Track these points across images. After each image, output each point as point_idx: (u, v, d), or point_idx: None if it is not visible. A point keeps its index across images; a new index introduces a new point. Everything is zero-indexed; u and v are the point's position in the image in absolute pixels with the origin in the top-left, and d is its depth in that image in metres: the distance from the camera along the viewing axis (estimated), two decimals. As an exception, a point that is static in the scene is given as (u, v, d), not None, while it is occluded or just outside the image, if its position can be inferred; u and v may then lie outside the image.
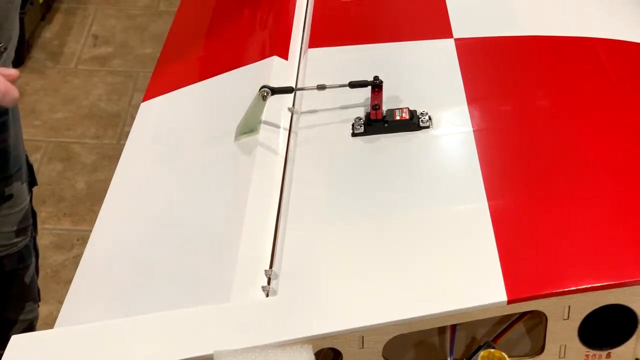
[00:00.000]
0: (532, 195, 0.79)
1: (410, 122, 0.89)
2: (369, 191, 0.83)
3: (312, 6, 1.14)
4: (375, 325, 0.69)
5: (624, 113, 0.89)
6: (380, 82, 0.89)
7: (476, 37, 1.03)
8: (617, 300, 0.71)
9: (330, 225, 0.79)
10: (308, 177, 0.86)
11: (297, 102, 0.97)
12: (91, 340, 0.71)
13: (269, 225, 0.81)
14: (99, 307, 0.79)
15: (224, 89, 1.03)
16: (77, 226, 2.07)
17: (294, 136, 0.92)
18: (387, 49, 1.03)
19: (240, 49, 1.12)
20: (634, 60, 0.99)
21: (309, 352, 0.68)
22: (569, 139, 0.86)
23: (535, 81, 0.95)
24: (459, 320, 0.70)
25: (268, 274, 0.75)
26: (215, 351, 0.67)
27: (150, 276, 0.80)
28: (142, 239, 0.86)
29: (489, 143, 0.86)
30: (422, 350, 0.78)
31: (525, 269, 0.72)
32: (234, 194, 0.85)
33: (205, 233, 0.82)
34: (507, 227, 0.76)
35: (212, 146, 0.94)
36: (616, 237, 0.74)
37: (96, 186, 2.16)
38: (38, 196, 2.16)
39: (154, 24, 2.75)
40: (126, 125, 2.35)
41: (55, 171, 2.22)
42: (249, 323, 0.70)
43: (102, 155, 2.27)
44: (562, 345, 0.73)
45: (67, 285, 0.81)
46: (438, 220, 0.78)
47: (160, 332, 0.71)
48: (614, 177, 0.81)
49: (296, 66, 1.03)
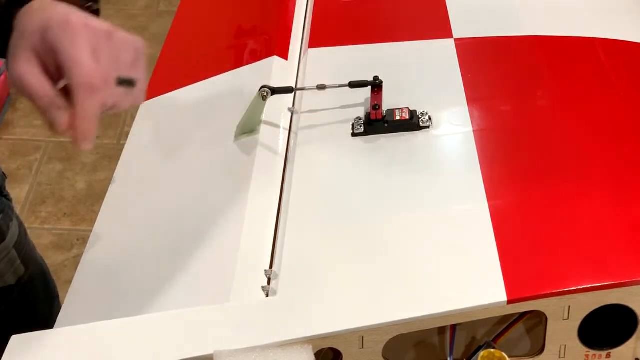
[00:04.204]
0: (532, 195, 0.79)
1: (410, 122, 0.89)
2: (369, 191, 0.83)
3: (312, 6, 1.14)
4: (375, 325, 0.69)
5: (624, 113, 0.89)
6: (380, 82, 0.89)
7: (476, 37, 1.03)
8: (617, 300, 0.71)
9: (330, 225, 0.79)
10: (308, 177, 0.86)
11: (297, 102, 0.97)
12: (91, 340, 0.71)
13: (269, 225, 0.81)
14: (99, 307, 0.79)
15: (224, 89, 1.03)
16: (77, 226, 2.08)
17: (294, 136, 0.92)
18: (387, 49, 1.03)
19: (240, 49, 1.12)
20: (634, 60, 0.99)
21: (309, 352, 0.68)
22: (569, 138, 0.86)
23: (535, 81, 0.95)
24: (459, 320, 0.70)
25: (268, 274, 0.75)
26: (215, 351, 0.67)
27: (150, 276, 0.80)
28: (142, 239, 0.86)
29: (489, 143, 0.86)
30: (422, 350, 0.78)
31: (525, 269, 0.72)
32: (234, 194, 0.85)
33: (205, 233, 0.82)
34: (507, 227, 0.76)
35: (212, 146, 0.94)
36: (616, 237, 0.74)
37: (96, 186, 2.17)
38: (38, 196, 2.17)
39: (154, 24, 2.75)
40: (126, 125, 2.35)
41: (55, 171, 2.23)
42: (249, 323, 0.70)
43: (102, 155, 2.27)
44: (562, 345, 0.73)
45: (67, 285, 0.81)
46: (438, 220, 0.78)
47: (160, 332, 0.71)
48: (614, 176, 0.81)
49: (296, 66, 1.03)
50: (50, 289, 1.21)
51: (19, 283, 1.11)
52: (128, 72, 0.72)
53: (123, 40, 0.72)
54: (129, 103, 0.74)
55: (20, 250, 1.10)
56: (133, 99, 0.74)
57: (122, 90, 0.72)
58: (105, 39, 0.70)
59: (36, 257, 1.16)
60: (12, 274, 1.09)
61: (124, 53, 0.72)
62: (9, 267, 1.08)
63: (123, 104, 0.73)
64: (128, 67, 0.72)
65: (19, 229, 1.10)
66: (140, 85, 0.74)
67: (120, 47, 0.71)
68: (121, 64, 0.72)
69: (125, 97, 0.73)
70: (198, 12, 1.25)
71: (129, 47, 0.73)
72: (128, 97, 0.73)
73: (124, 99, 0.72)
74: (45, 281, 1.19)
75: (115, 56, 0.71)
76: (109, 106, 0.71)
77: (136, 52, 0.73)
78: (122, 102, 0.73)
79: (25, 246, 1.12)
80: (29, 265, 1.12)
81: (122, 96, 0.72)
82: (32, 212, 2.12)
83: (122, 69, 0.72)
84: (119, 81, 0.70)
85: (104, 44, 0.70)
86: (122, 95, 0.72)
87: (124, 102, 0.73)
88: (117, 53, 0.71)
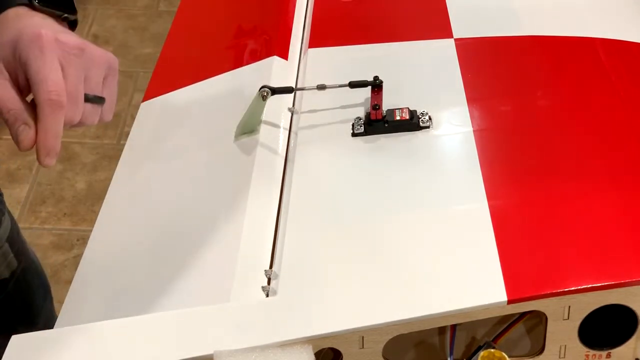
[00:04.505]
0: (532, 195, 0.79)
1: (410, 122, 0.89)
2: (369, 191, 0.83)
3: (312, 6, 1.14)
4: (375, 325, 0.69)
5: (624, 113, 0.89)
6: (380, 82, 0.89)
7: (476, 37, 1.03)
8: (617, 300, 0.71)
9: (330, 225, 0.79)
10: (308, 177, 0.86)
11: (297, 102, 0.97)
12: (91, 340, 0.71)
13: (269, 225, 0.81)
14: (99, 307, 0.79)
15: (224, 89, 1.03)
16: (77, 226, 2.08)
17: (294, 136, 0.92)
18: (387, 49, 1.03)
19: (240, 49, 1.12)
20: (634, 60, 0.99)
21: (309, 352, 0.68)
22: (569, 139, 0.86)
23: (535, 81, 0.95)
24: (459, 320, 0.70)
25: (268, 274, 0.75)
26: (215, 351, 0.67)
27: (150, 276, 0.80)
28: (142, 239, 0.86)
29: (489, 143, 0.86)
30: (422, 350, 0.78)
31: (525, 269, 0.72)
32: (234, 194, 0.85)
33: (205, 233, 0.82)
34: (507, 227, 0.76)
35: (212, 146, 0.94)
36: (616, 237, 0.74)
37: (96, 186, 2.17)
38: (38, 196, 2.17)
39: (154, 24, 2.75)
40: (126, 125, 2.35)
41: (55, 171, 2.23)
42: (249, 323, 0.70)
43: (102, 155, 2.27)
44: (562, 345, 0.73)
45: (67, 285, 0.81)
46: (438, 220, 0.78)
47: (160, 332, 0.71)
48: (614, 177, 0.81)
49: (296, 66, 1.03)
50: (43, 283, 1.22)
51: (12, 276, 1.11)
52: (98, 89, 0.72)
53: (95, 56, 0.71)
54: (96, 120, 0.73)
55: (13, 244, 1.10)
56: (101, 116, 0.73)
57: (90, 107, 0.71)
58: (76, 54, 0.69)
59: (28, 252, 1.16)
60: (6, 268, 1.09)
61: (94, 69, 0.71)
62: (3, 260, 1.09)
63: (89, 121, 0.72)
64: (98, 83, 0.72)
65: (10, 223, 1.10)
66: (109, 102, 0.74)
67: (91, 63, 0.71)
68: (91, 80, 0.71)
69: (93, 114, 0.72)
70: (198, 12, 1.25)
71: (101, 64, 0.72)
72: (95, 114, 0.72)
73: (91, 116, 0.72)
74: (37, 275, 1.20)
75: (85, 72, 0.70)
76: (74, 123, 0.70)
77: (109, 68, 0.73)
78: (89, 119, 0.72)
79: (18, 240, 1.12)
80: (21, 259, 1.12)
81: (89, 113, 0.71)
82: (32, 212, 2.12)
83: (92, 85, 0.71)
84: (86, 98, 0.70)
85: (74, 59, 0.69)
86: (89, 112, 0.71)
87: (90, 119, 0.72)
88: (87, 69, 0.70)
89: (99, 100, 0.72)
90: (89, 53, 0.71)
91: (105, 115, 0.74)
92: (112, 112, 0.75)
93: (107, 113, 0.74)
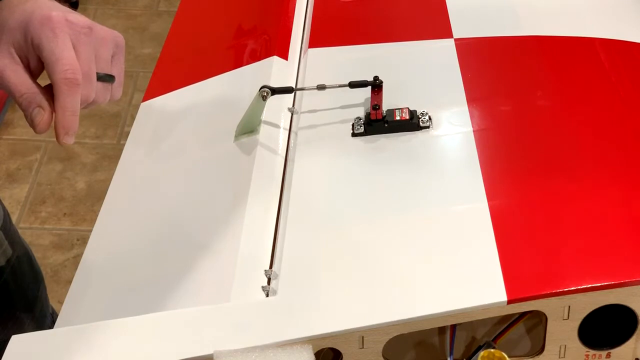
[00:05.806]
0: (532, 195, 0.79)
1: (410, 122, 0.89)
2: (368, 191, 0.83)
3: (312, 6, 1.14)
4: (375, 325, 0.69)
5: (624, 113, 0.89)
6: (380, 82, 0.89)
7: (476, 37, 1.03)
8: (617, 300, 0.71)
9: (330, 225, 0.79)
10: (308, 177, 0.86)
11: (297, 102, 0.97)
12: (91, 340, 0.71)
13: (269, 225, 0.81)
14: (99, 307, 0.79)
15: (224, 89, 1.03)
16: (77, 226, 2.08)
17: (294, 136, 0.92)
18: (387, 49, 1.03)
19: (240, 49, 1.12)
20: (634, 60, 0.99)
21: (309, 352, 0.68)
22: (569, 139, 0.86)
23: (535, 81, 0.95)
24: (459, 320, 0.70)
25: (268, 274, 0.75)
26: (215, 351, 0.67)
27: (150, 276, 0.80)
28: (142, 239, 0.86)
29: (489, 143, 0.86)
30: (422, 350, 0.78)
31: (525, 269, 0.72)
32: (234, 194, 0.85)
33: (205, 233, 0.82)
34: (507, 227, 0.76)
35: (212, 146, 0.94)
36: (616, 237, 0.74)
37: (96, 186, 2.17)
38: (38, 196, 2.17)
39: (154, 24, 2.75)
40: (126, 125, 2.35)
41: (55, 171, 2.23)
42: (249, 323, 0.70)
43: (102, 155, 2.27)
44: (562, 345, 0.73)
45: (67, 285, 0.81)
46: (438, 220, 0.78)
47: (160, 332, 0.71)
48: (614, 177, 0.81)
49: (296, 66, 1.03)
50: (36, 272, 1.22)
51: (7, 264, 1.11)
52: (107, 67, 0.73)
53: (103, 35, 0.73)
54: (107, 98, 0.75)
55: (7, 232, 1.10)
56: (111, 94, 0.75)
57: (101, 86, 0.72)
58: (86, 33, 0.70)
59: (21, 240, 1.17)
60: (1, 255, 1.09)
61: (103, 48, 0.73)
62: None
63: (102, 99, 0.74)
64: (107, 62, 0.73)
65: (3, 212, 1.10)
66: (118, 80, 0.75)
67: (100, 42, 0.72)
68: (101, 59, 0.72)
69: (104, 92, 0.74)
70: (198, 12, 1.25)
71: (109, 42, 0.73)
72: (106, 92, 0.74)
73: (103, 94, 0.73)
74: (31, 264, 1.20)
75: (95, 51, 0.71)
76: (90, 101, 0.71)
77: (116, 47, 0.74)
78: (101, 97, 0.73)
79: (11, 229, 1.12)
80: (15, 247, 1.13)
81: (101, 91, 0.73)
82: (32, 212, 2.12)
83: (102, 63, 0.73)
84: (97, 76, 0.71)
85: (84, 39, 0.70)
86: (101, 90, 0.73)
87: (102, 97, 0.74)
88: (96, 48, 0.72)
89: (109, 78, 0.73)
90: (97, 32, 0.72)
91: (115, 93, 0.75)
92: (121, 89, 0.77)
93: (117, 91, 0.76)
